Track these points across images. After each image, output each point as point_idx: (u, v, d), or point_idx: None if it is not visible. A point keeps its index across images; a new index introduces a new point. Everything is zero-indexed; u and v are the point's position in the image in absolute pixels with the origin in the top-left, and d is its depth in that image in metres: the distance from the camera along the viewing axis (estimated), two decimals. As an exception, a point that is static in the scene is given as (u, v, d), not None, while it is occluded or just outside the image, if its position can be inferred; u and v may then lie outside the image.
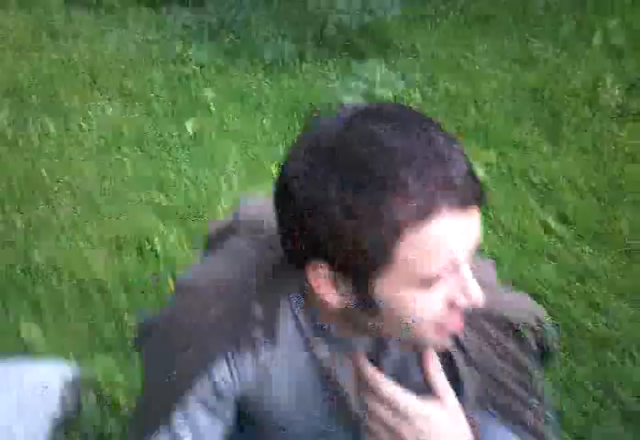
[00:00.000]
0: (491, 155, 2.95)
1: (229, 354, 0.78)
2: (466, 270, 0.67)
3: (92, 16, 5.31)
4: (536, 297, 2.03)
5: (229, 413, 0.83)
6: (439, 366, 0.73)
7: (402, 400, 0.69)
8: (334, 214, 0.62)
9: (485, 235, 2.38)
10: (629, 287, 2.06)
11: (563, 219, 2.46)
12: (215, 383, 0.78)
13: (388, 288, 0.66)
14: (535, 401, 0.81)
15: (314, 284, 0.69)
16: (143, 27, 5.09)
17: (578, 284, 2.09)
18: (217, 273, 0.82)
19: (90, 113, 3.59)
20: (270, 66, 4.21)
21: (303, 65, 4.19)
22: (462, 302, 0.67)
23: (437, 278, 0.65)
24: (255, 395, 0.82)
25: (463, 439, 0.71)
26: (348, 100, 3.53)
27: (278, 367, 0.80)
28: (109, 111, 3.64)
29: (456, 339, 0.77)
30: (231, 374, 0.78)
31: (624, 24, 4.21)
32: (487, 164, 2.88)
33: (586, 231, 2.36)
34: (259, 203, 0.92)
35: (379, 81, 3.73)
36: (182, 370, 0.78)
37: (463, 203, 0.63)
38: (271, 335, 0.78)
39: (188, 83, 4.03)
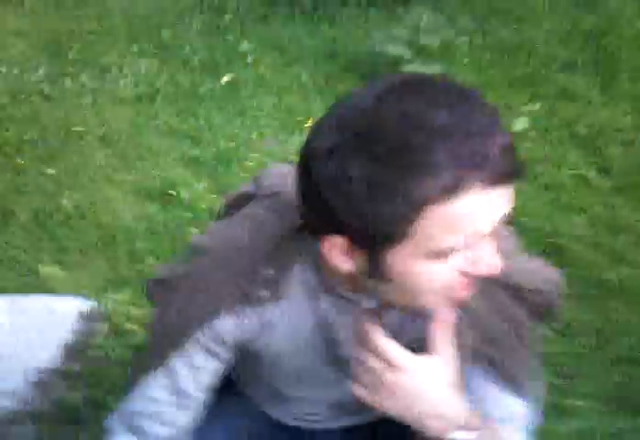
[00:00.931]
0: (537, 106, 2.94)
1: (235, 309, 0.88)
2: (488, 242, 0.70)
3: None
4: (562, 249, 2.08)
5: (228, 355, 0.94)
6: (449, 327, 0.79)
7: (394, 353, 0.77)
8: (356, 193, 0.65)
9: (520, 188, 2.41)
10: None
11: (604, 171, 2.47)
12: (217, 334, 0.89)
13: (402, 259, 0.69)
14: (524, 354, 0.89)
15: (327, 254, 0.74)
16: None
17: (608, 237, 2.11)
18: (232, 235, 0.91)
19: (126, 67, 3.79)
20: (310, 14, 4.28)
21: (344, 12, 4.23)
22: (480, 271, 0.71)
23: (456, 250, 0.68)
24: (256, 337, 0.91)
25: (443, 393, 0.78)
26: (391, 49, 3.54)
27: (282, 318, 0.90)
28: (145, 65, 3.83)
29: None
30: (235, 325, 0.89)
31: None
32: (532, 115, 2.88)
33: (625, 184, 2.36)
34: (281, 171, 0.98)
35: (424, 28, 3.71)
36: (187, 323, 0.88)
37: (496, 180, 0.64)
38: (277, 293, 0.87)
39: (225, 35, 4.16)
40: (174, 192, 2.58)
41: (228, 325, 0.89)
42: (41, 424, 1.54)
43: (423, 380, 0.78)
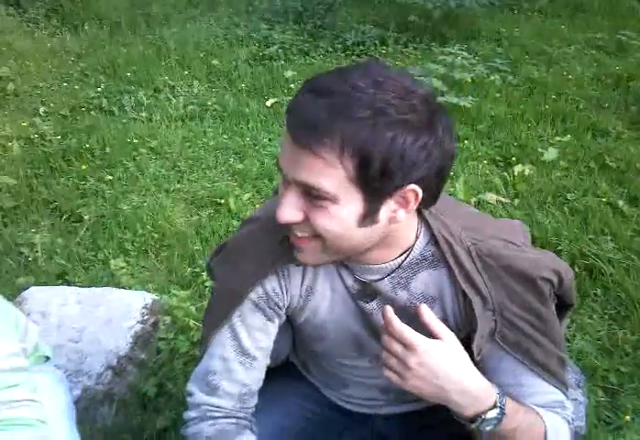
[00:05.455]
0: (567, 138, 3.01)
1: (280, 270, 0.97)
2: (289, 190, 0.82)
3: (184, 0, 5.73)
4: (592, 268, 2.11)
5: (278, 319, 1.01)
6: (432, 314, 0.87)
7: (412, 336, 0.83)
8: None
9: (550, 212, 2.47)
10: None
11: (633, 201, 2.51)
12: (266, 292, 0.97)
13: None
14: (546, 341, 0.93)
15: None
16: (232, 11, 5.44)
17: (638, 261, 2.15)
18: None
19: (178, 88, 3.92)
20: (352, 49, 4.42)
21: (384, 49, 4.36)
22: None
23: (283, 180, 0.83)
24: (301, 304, 1.00)
25: (461, 370, 0.85)
26: (426, 82, 3.64)
27: (319, 283, 0.98)
28: (195, 87, 3.95)
29: (475, 286, 0.91)
30: (280, 286, 0.98)
31: None
32: (562, 146, 2.95)
33: (655, 213, 2.41)
34: None
35: (458, 65, 3.82)
36: (241, 280, 0.97)
37: (291, 132, 0.78)
38: None
39: (271, 64, 4.29)
40: (222, 201, 2.66)
41: (275, 285, 0.96)
42: (118, 406, 1.59)
43: (442, 359, 0.83)
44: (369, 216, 0.82)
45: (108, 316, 1.77)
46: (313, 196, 0.80)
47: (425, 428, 1.15)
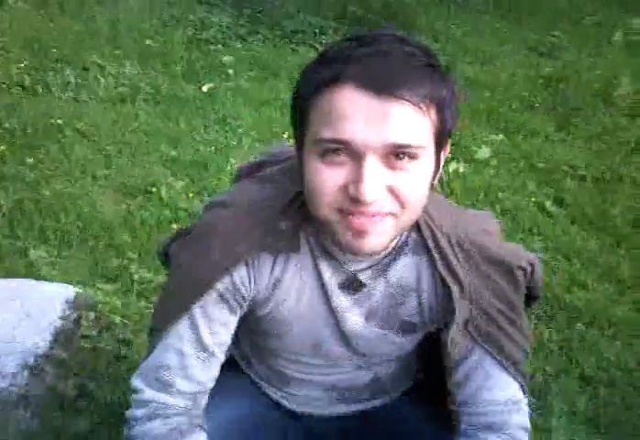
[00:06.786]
0: (500, 137, 3.06)
1: (250, 259, 0.89)
2: (368, 164, 0.71)
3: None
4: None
5: (240, 312, 0.94)
6: None
7: None
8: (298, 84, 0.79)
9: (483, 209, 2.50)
10: (612, 269, 2.18)
11: (559, 202, 2.59)
12: (233, 283, 0.89)
13: (307, 154, 0.76)
14: (516, 333, 0.92)
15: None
16: (167, -10, 5.23)
17: (563, 261, 2.21)
18: (252, 192, 0.94)
19: (109, 68, 3.72)
20: (290, 36, 4.34)
21: (324, 38, 4.30)
22: (352, 192, 0.73)
23: (334, 151, 0.72)
24: (266, 296, 0.93)
25: None
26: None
27: (290, 275, 0.91)
28: (127, 67, 3.77)
29: (455, 274, 0.89)
30: (249, 277, 0.90)
31: (648, 23, 4.30)
32: (494, 145, 3.00)
33: (580, 214, 2.49)
34: (289, 146, 1.04)
35: (396, 59, 3.82)
36: (207, 269, 0.89)
37: (368, 83, 0.69)
38: (293, 245, 0.89)
39: (207, 48, 4.16)
40: (154, 190, 2.54)
41: (244, 275, 0.90)
42: (35, 409, 1.48)
43: None
44: (435, 174, 0.79)
45: (26, 311, 1.64)
46: (397, 158, 0.72)
47: (368, 428, 1.12)
